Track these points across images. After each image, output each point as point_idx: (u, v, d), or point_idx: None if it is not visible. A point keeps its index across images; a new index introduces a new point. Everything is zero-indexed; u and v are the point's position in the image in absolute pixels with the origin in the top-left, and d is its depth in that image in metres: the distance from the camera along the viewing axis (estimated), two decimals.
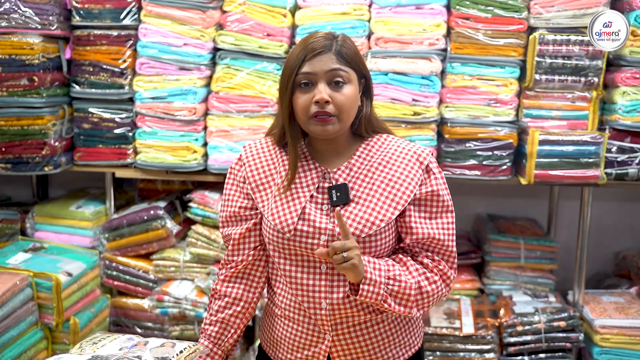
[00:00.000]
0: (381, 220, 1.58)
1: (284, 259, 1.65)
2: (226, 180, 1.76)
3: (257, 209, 1.70)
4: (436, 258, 1.63)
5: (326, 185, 1.63)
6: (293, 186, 1.64)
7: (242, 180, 1.71)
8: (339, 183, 1.62)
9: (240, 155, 1.74)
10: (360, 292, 1.53)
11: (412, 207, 1.62)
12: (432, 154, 1.67)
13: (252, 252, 1.72)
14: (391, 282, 1.55)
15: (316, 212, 1.61)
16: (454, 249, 1.65)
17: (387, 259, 1.62)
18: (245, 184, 1.71)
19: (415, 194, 1.62)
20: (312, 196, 1.63)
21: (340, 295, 1.60)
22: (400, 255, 1.64)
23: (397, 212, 1.59)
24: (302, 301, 1.65)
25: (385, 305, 1.55)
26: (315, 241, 1.59)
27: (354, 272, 1.50)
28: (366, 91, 1.68)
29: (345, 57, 1.58)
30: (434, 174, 1.64)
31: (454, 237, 1.65)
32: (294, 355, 1.71)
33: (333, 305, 1.62)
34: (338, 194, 1.60)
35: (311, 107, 1.57)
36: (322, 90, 1.55)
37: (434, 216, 1.63)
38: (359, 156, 1.66)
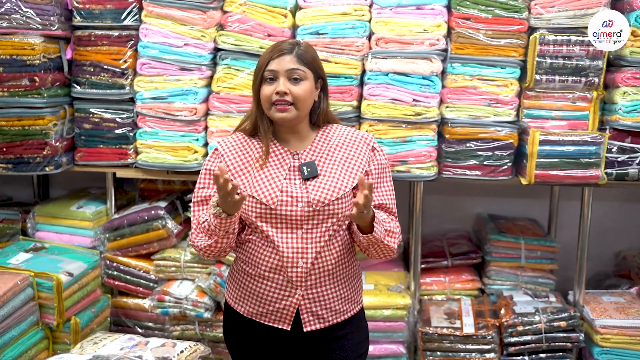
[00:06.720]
0: (344, 188, 1.99)
1: (267, 225, 1.96)
2: (201, 170, 2.06)
3: None
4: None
5: (296, 164, 2.01)
6: (271, 167, 2.00)
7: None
8: (307, 161, 2.00)
9: (216, 148, 2.07)
10: (374, 230, 1.91)
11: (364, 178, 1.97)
12: (374, 136, 2.14)
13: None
14: (385, 223, 2.00)
15: (292, 186, 1.97)
16: (395, 207, 2.11)
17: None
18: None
19: (365, 168, 2.04)
20: (286, 174, 1.98)
21: (313, 254, 1.95)
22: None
23: (354, 183, 2.00)
24: (280, 262, 1.96)
25: (385, 241, 1.97)
26: (294, 208, 1.95)
27: (370, 218, 1.89)
28: (323, 90, 2.08)
29: (303, 60, 1.99)
30: (378, 151, 2.09)
31: (395, 199, 2.11)
32: (265, 308, 2.02)
33: (307, 262, 1.96)
34: (308, 169, 1.99)
35: (273, 96, 1.95)
36: (282, 84, 1.95)
37: (380, 184, 2.07)
38: (319, 141, 2.07)
